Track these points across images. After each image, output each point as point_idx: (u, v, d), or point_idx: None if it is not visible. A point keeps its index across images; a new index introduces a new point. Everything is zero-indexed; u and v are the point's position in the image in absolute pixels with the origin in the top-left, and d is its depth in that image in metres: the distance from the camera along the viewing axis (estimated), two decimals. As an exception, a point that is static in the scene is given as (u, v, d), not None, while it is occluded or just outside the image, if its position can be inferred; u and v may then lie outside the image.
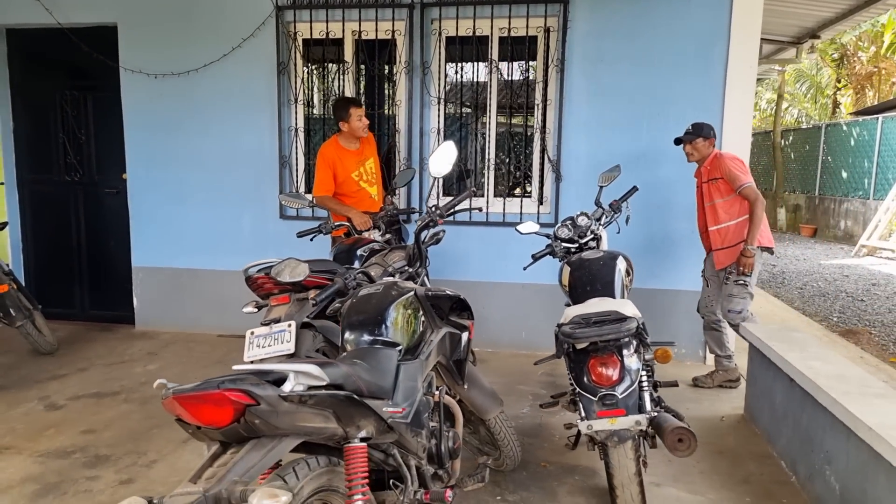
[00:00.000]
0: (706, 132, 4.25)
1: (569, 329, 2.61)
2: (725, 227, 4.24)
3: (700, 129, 4.25)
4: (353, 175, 4.45)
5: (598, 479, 3.16)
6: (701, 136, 4.25)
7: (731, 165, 4.17)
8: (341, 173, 4.42)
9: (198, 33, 5.33)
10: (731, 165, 4.16)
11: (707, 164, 4.27)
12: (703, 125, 4.27)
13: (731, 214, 4.22)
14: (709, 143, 4.27)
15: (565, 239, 3.69)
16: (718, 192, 4.23)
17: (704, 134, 4.25)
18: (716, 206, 4.25)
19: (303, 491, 1.76)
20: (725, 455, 3.49)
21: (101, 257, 5.91)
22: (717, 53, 4.72)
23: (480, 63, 5.20)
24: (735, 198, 4.18)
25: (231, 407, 1.57)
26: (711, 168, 4.24)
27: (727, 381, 4.45)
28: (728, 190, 4.18)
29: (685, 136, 4.30)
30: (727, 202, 4.21)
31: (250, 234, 5.48)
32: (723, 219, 4.23)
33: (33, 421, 3.82)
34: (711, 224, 4.29)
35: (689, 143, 4.28)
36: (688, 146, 4.30)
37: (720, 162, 4.21)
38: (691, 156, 4.32)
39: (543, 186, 5.14)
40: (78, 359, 4.95)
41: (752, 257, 4.12)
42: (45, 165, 5.90)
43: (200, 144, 5.46)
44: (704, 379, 4.48)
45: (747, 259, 4.12)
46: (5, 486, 3.06)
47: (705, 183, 4.29)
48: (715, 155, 4.27)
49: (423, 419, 2.23)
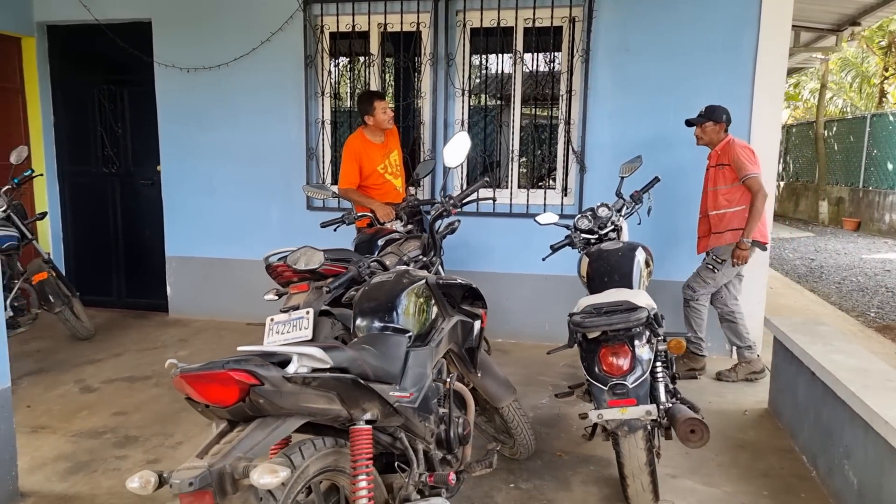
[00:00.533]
0: (717, 116, 4.21)
1: (579, 318, 2.62)
2: (722, 214, 4.21)
3: (712, 113, 4.22)
4: (378, 168, 4.51)
5: (612, 470, 3.15)
6: (712, 119, 4.21)
7: (741, 154, 4.13)
8: (367, 166, 4.48)
9: (228, 28, 5.44)
10: (740, 154, 4.13)
11: (718, 149, 4.25)
12: (717, 109, 4.22)
13: (731, 202, 4.20)
14: (719, 128, 4.23)
15: (585, 230, 3.68)
16: (723, 179, 4.20)
17: (716, 118, 4.21)
18: (718, 192, 4.23)
19: (308, 470, 1.82)
20: (746, 448, 3.45)
21: (137, 247, 6.10)
22: (747, 42, 4.63)
23: (505, 54, 5.19)
24: (739, 186, 4.14)
25: (236, 386, 1.63)
26: (721, 153, 4.22)
27: (751, 374, 4.39)
28: (733, 178, 4.14)
29: (696, 118, 4.28)
30: (730, 190, 4.18)
31: (278, 225, 5.58)
32: (722, 205, 4.21)
33: (68, 402, 3.98)
34: (711, 209, 4.27)
35: (699, 126, 4.27)
36: (697, 129, 4.29)
37: (731, 149, 4.18)
38: (700, 139, 4.31)
39: (567, 177, 5.13)
40: (113, 344, 5.13)
41: (747, 250, 4.13)
42: (83, 157, 6.10)
43: (230, 137, 5.59)
44: (728, 373, 4.43)
45: (742, 251, 4.12)
46: (40, 463, 3.20)
47: (713, 168, 4.27)
48: (728, 141, 4.23)
49: (431, 405, 2.27)
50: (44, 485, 3.02)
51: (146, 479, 1.52)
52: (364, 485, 1.86)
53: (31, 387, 4.20)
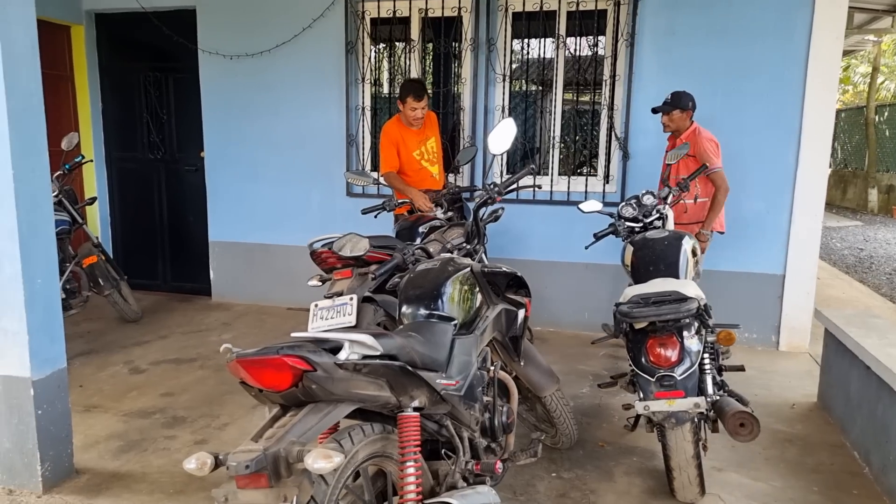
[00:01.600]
0: (684, 103, 4.17)
1: (627, 308, 2.59)
2: (683, 205, 4.16)
3: (678, 100, 4.18)
4: (414, 154, 4.51)
5: (656, 461, 3.12)
6: (678, 107, 4.17)
7: (707, 147, 4.09)
8: (403, 152, 4.48)
9: (270, 15, 5.47)
10: (706, 146, 4.09)
11: (683, 138, 4.17)
12: (682, 95, 4.17)
13: (692, 194, 4.13)
14: (685, 116, 4.20)
15: (629, 218, 3.61)
16: (686, 169, 4.10)
17: (682, 105, 4.17)
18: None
19: (357, 455, 1.84)
20: (795, 443, 3.38)
21: (181, 232, 6.22)
22: (800, 23, 4.48)
23: (547, 39, 5.12)
24: (702, 178, 4.07)
25: (290, 372, 1.65)
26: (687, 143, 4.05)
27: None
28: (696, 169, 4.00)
29: (663, 106, 4.23)
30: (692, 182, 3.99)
31: (318, 211, 5.63)
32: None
33: (119, 383, 4.10)
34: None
35: (666, 115, 4.22)
36: (664, 117, 4.24)
37: (697, 139, 4.12)
38: (667, 127, 4.27)
39: (610, 164, 5.05)
40: (159, 327, 5.26)
41: (707, 241, 4.15)
42: (130, 143, 6.23)
43: (272, 123, 5.64)
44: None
45: (701, 243, 4.06)
46: (93, 441, 3.31)
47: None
48: (693, 129, 4.17)
49: (476, 393, 2.27)
50: (97, 462, 3.11)
51: (202, 461, 1.55)
52: (412, 471, 1.87)
53: (83, 367, 4.33)
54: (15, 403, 2.80)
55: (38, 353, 2.80)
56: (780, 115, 4.58)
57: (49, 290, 2.86)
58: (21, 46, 2.67)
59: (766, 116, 4.62)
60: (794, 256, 4.69)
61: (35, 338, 2.78)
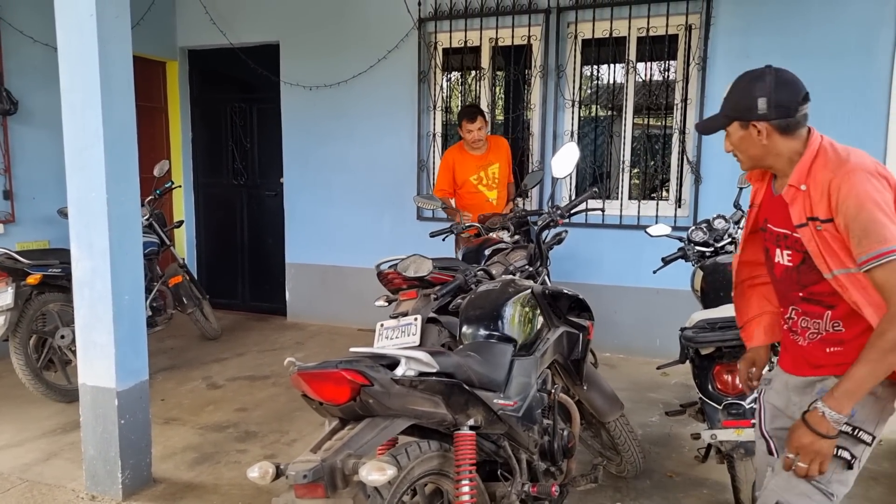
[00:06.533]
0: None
1: (691, 333, 2.53)
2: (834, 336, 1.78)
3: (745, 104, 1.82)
4: (471, 178, 4.65)
5: (728, 495, 2.99)
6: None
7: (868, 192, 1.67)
8: (460, 175, 4.65)
9: (348, 48, 5.71)
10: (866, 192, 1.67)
11: (800, 180, 1.75)
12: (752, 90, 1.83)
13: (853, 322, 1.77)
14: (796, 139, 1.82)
15: (699, 242, 3.53)
16: (834, 257, 1.65)
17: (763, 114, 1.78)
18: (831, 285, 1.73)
19: (413, 471, 1.87)
20: (880, 482, 3.17)
21: (261, 254, 6.50)
22: (883, 41, 4.29)
23: (617, 64, 5.11)
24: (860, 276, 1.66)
25: (348, 386, 1.71)
26: (811, 192, 1.73)
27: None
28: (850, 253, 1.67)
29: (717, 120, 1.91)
30: (852, 281, 1.65)
31: (390, 234, 5.77)
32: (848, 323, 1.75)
33: (197, 397, 4.30)
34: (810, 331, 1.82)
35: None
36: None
37: (842, 178, 1.66)
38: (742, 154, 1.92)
39: (682, 188, 4.95)
40: (237, 345, 5.49)
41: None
42: (216, 170, 6.59)
43: (347, 150, 5.85)
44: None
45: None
46: (171, 452, 3.48)
47: (782, 231, 1.82)
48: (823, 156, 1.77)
49: (535, 415, 2.26)
50: (173, 472, 3.27)
51: (265, 470, 1.62)
52: (467, 490, 1.89)
53: (165, 381, 4.57)
54: (101, 413, 2.99)
55: (123, 365, 2.98)
56: (863, 136, 4.37)
57: (135, 307, 3.06)
58: (118, 81, 2.91)
59: (848, 138, 4.30)
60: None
61: (121, 351, 2.97)
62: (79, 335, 3.02)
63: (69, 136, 2.92)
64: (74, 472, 3.20)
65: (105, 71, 2.83)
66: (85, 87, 2.84)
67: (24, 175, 5.17)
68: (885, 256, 1.55)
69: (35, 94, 5.13)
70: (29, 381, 3.99)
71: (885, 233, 1.57)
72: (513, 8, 5.15)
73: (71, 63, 2.87)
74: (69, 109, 2.90)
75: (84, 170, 2.90)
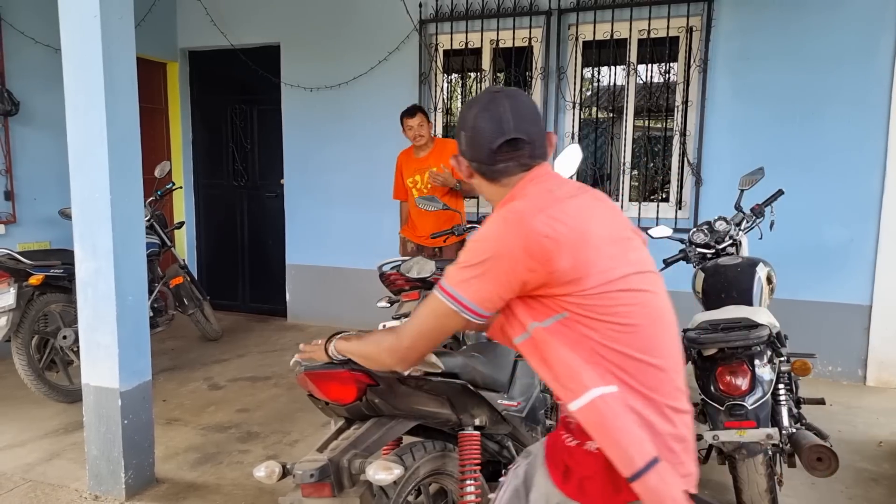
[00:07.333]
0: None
1: (694, 334, 2.54)
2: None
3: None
4: (407, 181, 4.71)
5: (729, 496, 2.99)
6: None
7: None
8: (406, 177, 4.74)
9: (349, 49, 5.72)
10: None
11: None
12: None
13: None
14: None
15: (701, 244, 3.54)
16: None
17: None
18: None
19: (419, 471, 1.88)
20: (881, 483, 3.18)
21: (261, 255, 6.50)
22: (884, 45, 4.31)
23: (617, 66, 5.12)
24: None
25: (354, 385, 1.72)
26: None
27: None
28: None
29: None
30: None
31: (390, 236, 5.75)
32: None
33: (198, 398, 4.30)
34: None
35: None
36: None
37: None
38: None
39: (682, 190, 4.97)
40: (238, 346, 5.49)
41: None
42: (216, 171, 6.59)
43: (347, 151, 5.85)
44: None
45: None
46: (173, 452, 3.48)
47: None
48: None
49: (538, 415, 2.28)
50: (176, 473, 3.27)
51: (271, 469, 1.63)
52: (471, 489, 1.90)
53: (167, 382, 4.57)
54: (104, 413, 3.00)
55: (126, 365, 2.99)
56: (862, 139, 4.40)
57: (138, 307, 3.07)
58: (121, 82, 2.92)
59: (847, 141, 4.44)
60: (882, 286, 4.46)
61: (124, 351, 2.97)
62: (82, 336, 3.02)
63: (73, 136, 2.92)
64: (77, 472, 3.20)
65: (109, 72, 2.84)
66: (88, 89, 2.85)
67: (26, 176, 5.17)
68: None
69: (37, 95, 5.14)
70: (31, 381, 4.00)
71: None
72: (513, 10, 5.16)
73: (75, 64, 2.87)
74: (73, 110, 2.91)
75: (88, 171, 2.90)
